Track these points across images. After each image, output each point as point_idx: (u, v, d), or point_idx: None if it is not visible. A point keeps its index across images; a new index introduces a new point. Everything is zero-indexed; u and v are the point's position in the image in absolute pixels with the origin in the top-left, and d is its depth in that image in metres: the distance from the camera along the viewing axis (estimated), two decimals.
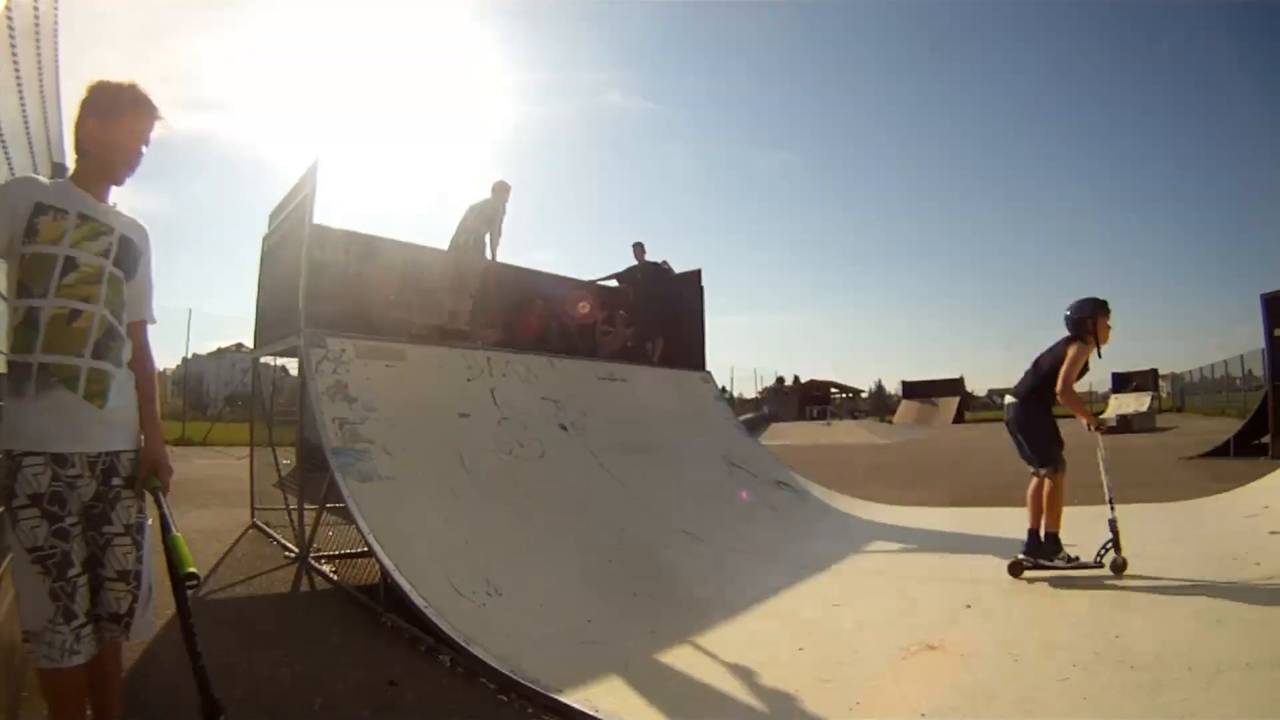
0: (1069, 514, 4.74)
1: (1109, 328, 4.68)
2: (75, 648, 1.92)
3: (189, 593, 1.95)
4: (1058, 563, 4.56)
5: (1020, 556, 4.66)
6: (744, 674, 3.21)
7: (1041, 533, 4.63)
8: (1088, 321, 4.63)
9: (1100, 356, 4.75)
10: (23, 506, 1.90)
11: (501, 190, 8.21)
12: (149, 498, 2.15)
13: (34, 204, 2.00)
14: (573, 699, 2.89)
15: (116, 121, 2.12)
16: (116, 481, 2.07)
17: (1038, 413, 4.82)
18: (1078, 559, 4.51)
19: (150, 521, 2.16)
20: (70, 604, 1.92)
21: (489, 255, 8.19)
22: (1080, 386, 5.10)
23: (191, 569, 1.92)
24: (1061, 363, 4.63)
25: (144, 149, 2.20)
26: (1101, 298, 4.70)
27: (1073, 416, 4.89)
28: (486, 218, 8.09)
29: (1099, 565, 4.43)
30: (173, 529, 1.98)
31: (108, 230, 2.12)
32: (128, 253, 2.17)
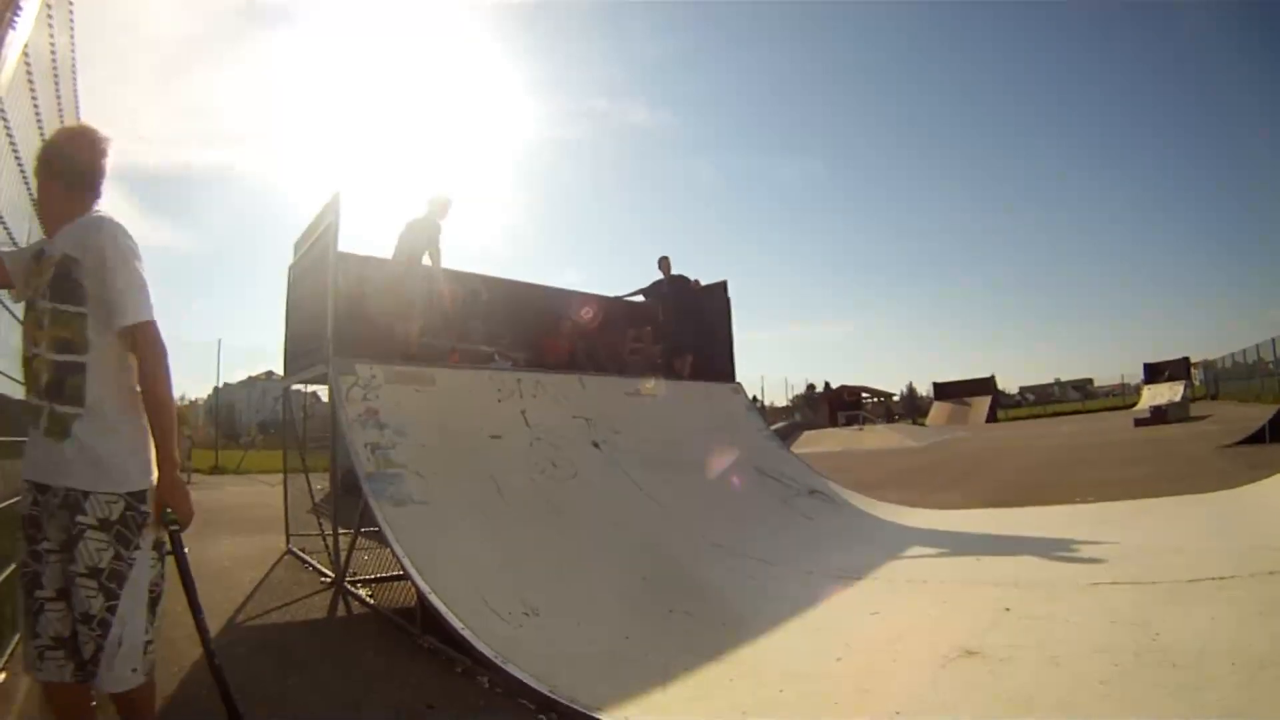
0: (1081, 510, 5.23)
1: None
2: (38, 665, 1.99)
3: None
4: None
5: None
6: (783, 687, 3.16)
7: None
8: None
9: None
10: (19, 526, 2.06)
11: (439, 205, 7.17)
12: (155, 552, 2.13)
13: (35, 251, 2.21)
14: (611, 717, 2.88)
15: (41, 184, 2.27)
16: (81, 519, 1.99)
17: None
18: None
19: (150, 570, 2.11)
20: (34, 623, 1.99)
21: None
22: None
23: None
24: None
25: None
26: None
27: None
28: (423, 238, 7.06)
29: None
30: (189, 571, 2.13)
31: (49, 265, 2.11)
32: (68, 276, 2.08)
